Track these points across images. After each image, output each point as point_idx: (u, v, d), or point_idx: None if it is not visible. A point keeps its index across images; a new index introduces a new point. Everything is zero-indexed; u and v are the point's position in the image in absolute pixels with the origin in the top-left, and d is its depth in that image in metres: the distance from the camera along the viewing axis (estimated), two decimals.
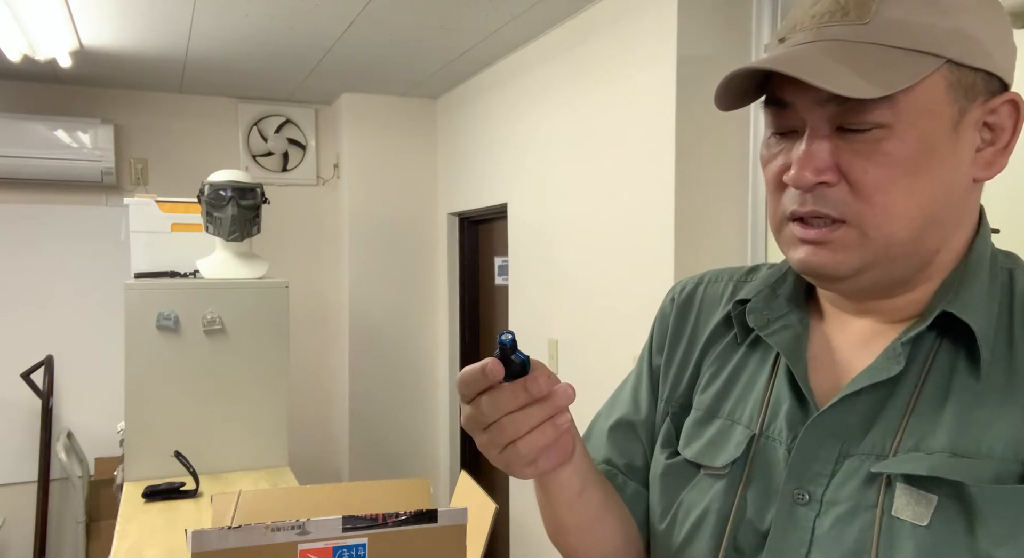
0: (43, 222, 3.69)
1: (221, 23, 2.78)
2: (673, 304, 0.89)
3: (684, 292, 0.89)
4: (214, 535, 0.94)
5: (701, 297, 0.87)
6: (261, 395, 2.89)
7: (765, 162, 0.71)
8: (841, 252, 0.66)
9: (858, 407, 0.67)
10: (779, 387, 0.73)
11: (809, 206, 0.66)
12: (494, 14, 2.67)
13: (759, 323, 0.76)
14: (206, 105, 3.95)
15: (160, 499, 2.52)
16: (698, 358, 0.82)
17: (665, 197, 2.21)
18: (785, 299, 0.77)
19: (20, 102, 3.60)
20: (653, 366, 0.88)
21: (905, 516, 0.61)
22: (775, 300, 0.77)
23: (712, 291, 0.86)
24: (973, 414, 0.62)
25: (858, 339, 0.72)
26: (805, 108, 0.65)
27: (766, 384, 0.75)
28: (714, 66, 2.18)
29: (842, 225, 0.65)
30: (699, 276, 0.90)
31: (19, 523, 3.64)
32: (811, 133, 0.65)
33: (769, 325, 0.75)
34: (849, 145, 0.64)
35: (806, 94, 0.64)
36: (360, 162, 3.91)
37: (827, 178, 0.64)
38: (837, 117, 0.64)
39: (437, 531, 1.05)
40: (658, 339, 0.89)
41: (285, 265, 3.82)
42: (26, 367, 3.50)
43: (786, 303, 0.77)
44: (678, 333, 0.86)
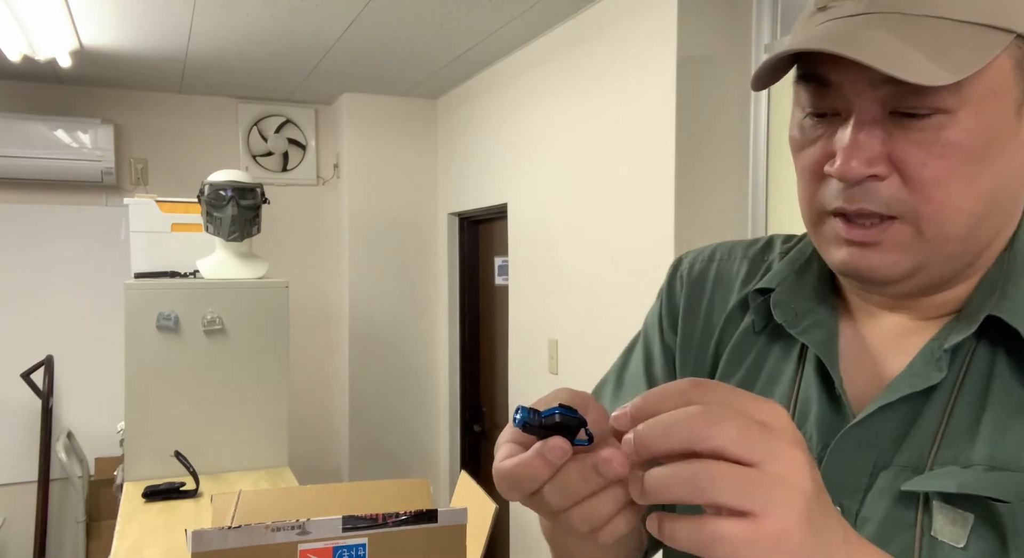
0: (43, 222, 3.69)
1: (221, 23, 2.78)
2: (683, 281, 0.80)
3: (695, 269, 0.80)
4: (214, 535, 0.94)
5: (715, 277, 0.78)
6: (261, 395, 2.88)
7: (799, 147, 0.62)
8: (893, 253, 0.58)
9: (893, 415, 0.60)
10: (807, 386, 0.66)
11: (857, 204, 0.58)
12: (494, 14, 2.67)
13: (787, 318, 0.68)
14: (206, 105, 3.95)
15: (160, 499, 2.52)
16: (716, 346, 0.75)
17: (665, 197, 2.21)
18: (812, 290, 0.69)
19: (20, 102, 3.60)
20: (666, 343, 0.80)
21: (944, 537, 0.56)
22: (801, 290, 0.69)
23: (726, 270, 0.78)
24: (1014, 422, 0.56)
25: (890, 337, 0.65)
26: (853, 89, 0.56)
27: (792, 381, 0.68)
28: (714, 66, 2.18)
29: (893, 222, 0.58)
30: (709, 251, 0.81)
31: (19, 523, 3.64)
32: (859, 118, 0.57)
33: (798, 321, 0.68)
34: (904, 133, 0.56)
35: (856, 73, 0.55)
36: (360, 162, 3.91)
37: (878, 171, 0.56)
38: (891, 100, 0.55)
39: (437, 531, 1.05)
40: (669, 316, 0.80)
41: (285, 265, 3.82)
42: (26, 367, 3.50)
43: (813, 294, 0.69)
44: (692, 313, 0.78)
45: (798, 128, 0.63)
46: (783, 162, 2.13)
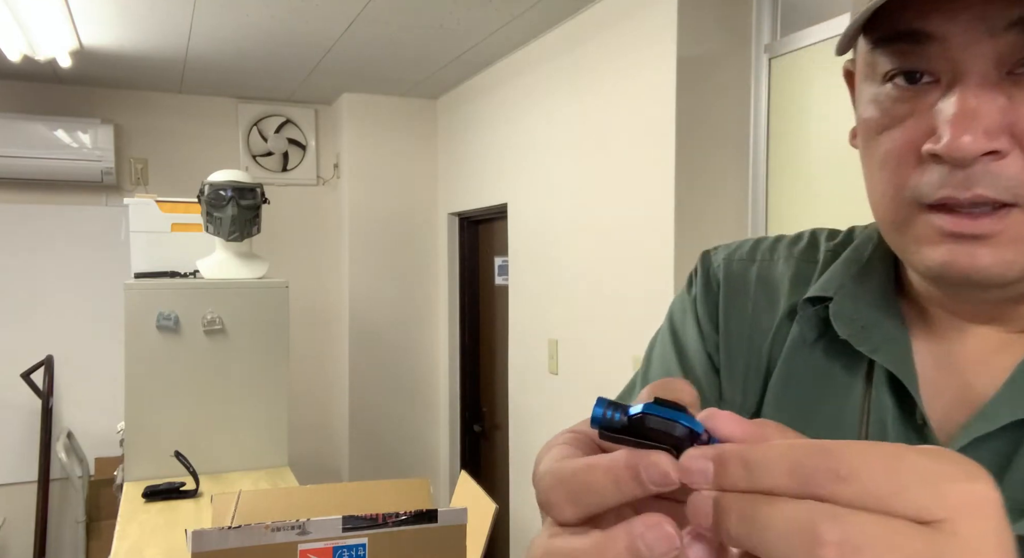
0: (43, 222, 3.69)
1: (221, 23, 2.78)
2: (718, 278, 0.69)
3: (734, 268, 0.69)
4: (214, 535, 0.94)
5: (756, 278, 0.67)
6: (261, 395, 2.88)
7: (877, 128, 0.51)
8: (1009, 249, 0.47)
9: (990, 447, 0.51)
10: (880, 411, 0.56)
11: (972, 190, 0.46)
12: (494, 14, 2.67)
13: (851, 332, 0.57)
14: (206, 105, 3.95)
15: (160, 499, 2.52)
16: (768, 358, 0.64)
17: (665, 197, 2.21)
18: (877, 298, 0.59)
19: (20, 102, 3.60)
20: (704, 335, 0.68)
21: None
22: (863, 299, 0.59)
23: (769, 271, 0.67)
24: None
25: (976, 353, 0.55)
26: (963, 41, 0.45)
27: (860, 404, 0.57)
28: (714, 66, 2.18)
29: (1011, 210, 0.46)
30: (748, 249, 0.69)
31: (19, 523, 3.64)
32: (971, 80, 0.45)
33: (866, 335, 0.57)
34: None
35: (969, 20, 0.44)
36: (360, 162, 3.91)
37: (999, 145, 0.45)
38: (1012, 54, 0.44)
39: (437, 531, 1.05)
40: (707, 312, 0.68)
41: (285, 265, 3.82)
42: (26, 367, 3.50)
43: (879, 303, 0.58)
44: (735, 315, 0.67)
45: (875, 105, 0.51)
46: (783, 162, 2.13)
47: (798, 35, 2.05)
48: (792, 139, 2.09)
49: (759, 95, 2.19)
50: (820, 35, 1.96)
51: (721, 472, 0.30)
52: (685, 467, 0.31)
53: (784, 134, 2.12)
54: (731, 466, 0.30)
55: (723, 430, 0.32)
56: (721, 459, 0.30)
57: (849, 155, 2.06)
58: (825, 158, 1.97)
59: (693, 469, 0.31)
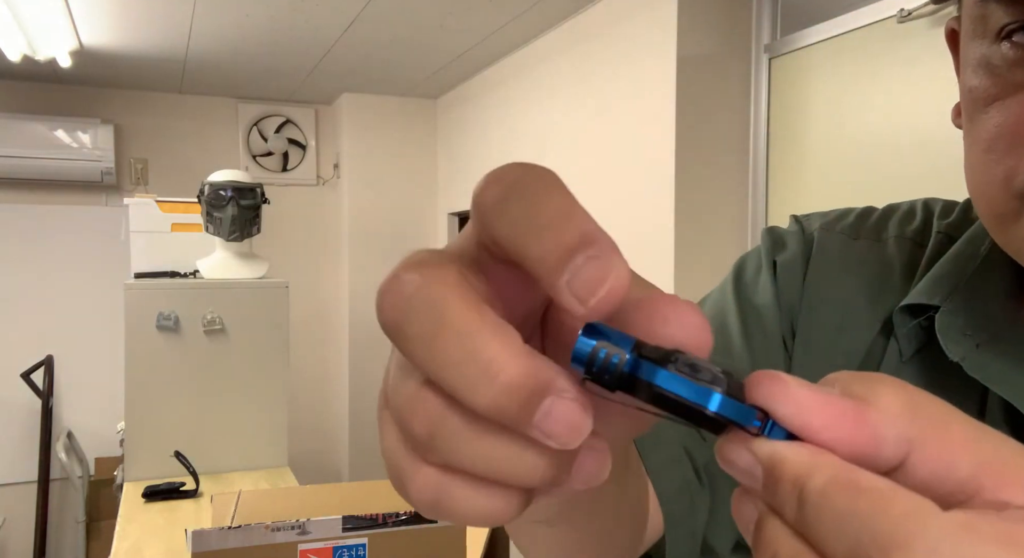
0: (43, 222, 3.69)
1: (221, 23, 2.78)
2: (812, 250, 0.56)
3: (832, 242, 0.56)
4: (214, 535, 0.94)
5: (857, 262, 0.54)
6: (261, 395, 2.88)
7: (987, 97, 0.41)
8: None
9: None
10: None
11: None
12: (494, 14, 2.67)
13: (964, 353, 0.45)
14: (206, 105, 3.95)
15: (160, 499, 2.52)
16: (859, 367, 0.52)
17: (665, 196, 2.21)
18: (997, 307, 0.47)
19: (20, 102, 3.60)
20: (782, 316, 0.56)
21: None
22: (980, 308, 0.47)
23: (875, 256, 0.54)
24: None
25: None
26: None
27: None
28: (714, 66, 2.18)
29: None
30: (850, 223, 0.56)
31: (19, 523, 3.64)
32: None
33: (982, 359, 0.45)
34: None
35: None
36: (360, 162, 3.91)
37: None
38: None
39: (437, 531, 1.05)
40: (789, 287, 0.56)
41: (285, 265, 3.82)
42: (26, 367, 3.50)
43: (1000, 315, 0.46)
44: (824, 306, 0.54)
45: (984, 70, 0.41)
46: (783, 162, 2.13)
47: (798, 35, 2.05)
48: (792, 139, 2.09)
49: (759, 95, 2.19)
50: (820, 35, 1.96)
51: (770, 488, 0.21)
52: (728, 459, 0.22)
53: (784, 134, 2.12)
54: (783, 487, 0.20)
55: (791, 411, 0.21)
56: (773, 469, 0.21)
57: (849, 156, 2.04)
58: (825, 158, 1.97)
59: (737, 463, 0.22)
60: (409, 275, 0.23)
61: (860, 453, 0.20)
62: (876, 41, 1.78)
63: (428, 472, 0.23)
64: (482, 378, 0.21)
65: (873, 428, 0.20)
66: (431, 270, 0.23)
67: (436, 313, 0.22)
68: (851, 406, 0.21)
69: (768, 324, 0.55)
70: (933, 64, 1.64)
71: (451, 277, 0.22)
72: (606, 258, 0.21)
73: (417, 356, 0.22)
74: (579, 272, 0.21)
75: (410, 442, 0.24)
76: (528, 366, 0.21)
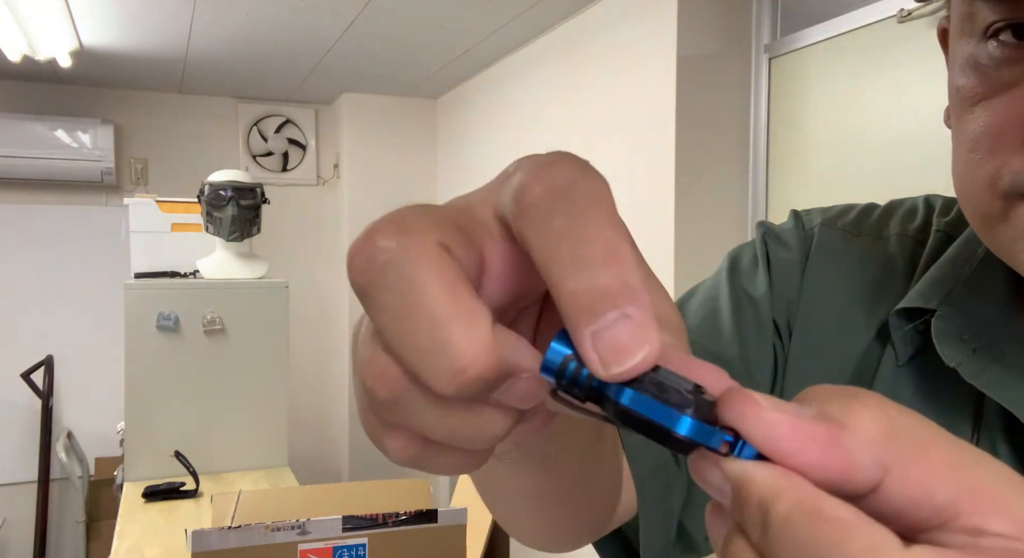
0: (43, 222, 3.69)
1: (221, 23, 2.78)
2: (811, 245, 0.55)
3: (832, 238, 0.54)
4: (214, 535, 0.94)
5: (858, 259, 0.53)
6: (261, 395, 2.88)
7: (973, 97, 0.40)
8: None
9: None
10: (995, 456, 0.37)
11: None
12: (494, 14, 2.67)
13: (961, 358, 0.44)
14: (206, 105, 3.95)
15: (160, 499, 2.52)
16: (856, 374, 0.51)
17: (665, 196, 2.21)
18: (995, 311, 0.46)
19: (20, 102, 3.60)
20: (776, 308, 0.55)
21: None
22: (977, 312, 0.46)
23: (876, 255, 0.53)
24: None
25: None
26: None
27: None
28: (714, 66, 2.18)
29: None
30: (852, 219, 0.55)
31: (19, 523, 3.64)
32: None
33: (979, 364, 0.44)
34: None
35: None
36: (360, 162, 3.91)
37: None
38: None
39: (437, 531, 1.05)
40: (785, 282, 0.55)
41: (285, 265, 3.81)
42: (26, 367, 3.50)
43: (997, 319, 0.46)
44: (821, 304, 0.53)
45: (971, 69, 0.40)
46: (783, 162, 2.13)
47: (798, 35, 2.05)
48: (792, 139, 2.09)
49: (759, 95, 2.19)
50: (820, 35, 1.96)
51: (738, 505, 0.20)
52: (698, 473, 0.22)
53: (784, 134, 2.12)
54: (748, 508, 0.20)
55: (762, 434, 0.20)
56: (741, 488, 0.20)
57: (849, 155, 2.04)
58: (825, 158, 1.97)
59: (708, 480, 0.21)
60: (385, 241, 0.22)
61: (832, 479, 0.20)
62: (876, 41, 1.78)
63: (397, 436, 0.24)
64: (446, 370, 0.21)
65: (847, 453, 0.20)
66: (409, 239, 0.22)
67: (407, 290, 0.21)
68: (824, 430, 0.20)
69: (762, 314, 0.54)
70: (933, 64, 1.64)
71: (429, 250, 0.21)
72: (641, 323, 0.20)
73: (383, 328, 0.22)
74: (609, 329, 0.20)
75: (375, 405, 0.24)
76: (494, 358, 0.21)
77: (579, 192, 0.22)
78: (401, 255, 0.21)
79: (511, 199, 0.23)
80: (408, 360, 0.21)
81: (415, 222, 0.22)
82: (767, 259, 0.56)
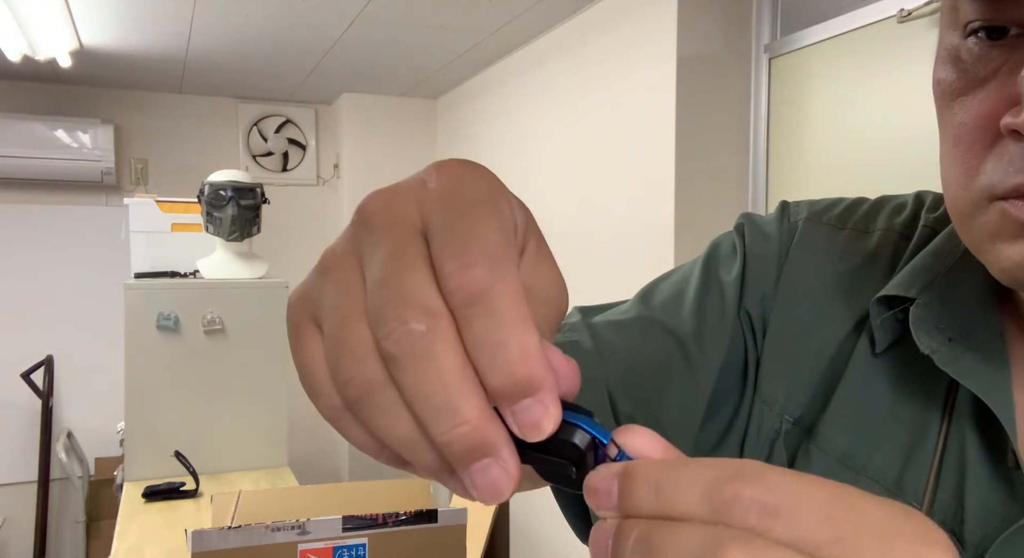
0: (43, 222, 3.69)
1: (221, 23, 2.78)
2: (795, 238, 0.55)
3: (817, 232, 0.55)
4: (214, 535, 0.94)
5: (841, 253, 0.54)
6: (261, 395, 2.88)
7: (952, 93, 0.41)
8: None
9: None
10: (960, 447, 0.45)
11: None
12: (494, 14, 2.67)
13: (936, 347, 0.44)
14: (206, 105, 3.95)
15: (160, 499, 2.52)
16: (830, 367, 0.51)
17: (665, 196, 2.21)
18: (973, 303, 0.46)
19: (20, 102, 3.60)
20: (743, 308, 0.55)
21: None
22: (955, 303, 0.46)
23: (859, 248, 0.53)
24: None
25: None
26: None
27: (936, 439, 0.46)
28: (714, 66, 2.18)
29: None
30: (839, 212, 0.55)
31: (19, 523, 3.64)
32: None
33: (953, 353, 0.44)
34: None
35: None
36: (360, 162, 3.91)
37: None
38: None
39: (437, 531, 1.05)
40: (763, 273, 0.55)
41: (285, 265, 3.81)
42: (26, 367, 3.50)
43: (975, 310, 0.46)
44: (801, 297, 0.53)
45: (952, 63, 0.41)
46: (783, 162, 2.13)
47: (798, 35, 2.05)
48: (792, 139, 2.09)
49: (759, 95, 2.19)
50: (820, 35, 1.96)
51: (626, 491, 0.24)
52: (592, 487, 0.25)
53: (784, 134, 2.12)
54: (637, 484, 0.24)
55: (639, 448, 0.26)
56: (627, 475, 0.24)
57: (849, 155, 2.04)
58: (825, 158, 1.97)
59: (599, 489, 0.24)
60: (418, 324, 0.25)
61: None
62: (876, 41, 1.78)
63: (357, 431, 0.27)
64: (444, 421, 0.24)
65: (672, 453, 0.26)
66: (437, 322, 0.25)
67: (432, 364, 0.24)
68: (662, 442, 0.26)
69: (728, 299, 0.54)
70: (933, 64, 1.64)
71: (450, 330, 0.25)
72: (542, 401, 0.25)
73: (390, 361, 0.25)
74: (524, 411, 0.25)
75: (335, 387, 0.26)
76: (487, 430, 0.24)
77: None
78: (431, 336, 0.25)
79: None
80: (410, 397, 0.25)
81: (438, 309, 0.25)
82: (744, 252, 0.56)
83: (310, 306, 0.29)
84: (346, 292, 0.27)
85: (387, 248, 0.27)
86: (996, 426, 0.42)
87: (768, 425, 0.52)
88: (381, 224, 0.28)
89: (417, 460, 0.26)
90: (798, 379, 0.51)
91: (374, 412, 0.25)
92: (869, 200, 0.56)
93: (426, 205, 0.28)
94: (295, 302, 0.30)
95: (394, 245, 0.27)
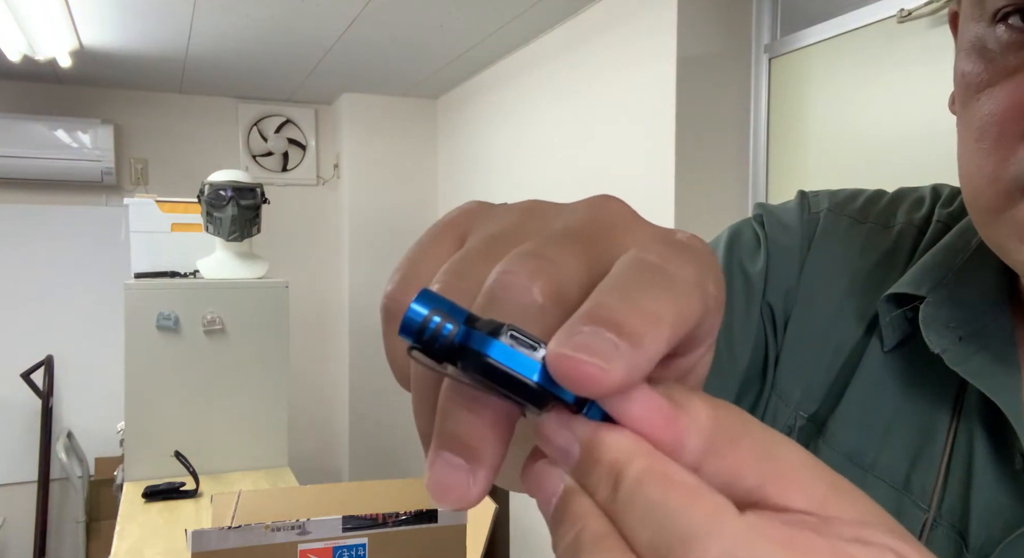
0: (43, 222, 3.69)
1: (221, 23, 2.78)
2: (816, 229, 0.54)
3: (839, 224, 0.53)
4: (214, 535, 0.94)
5: (861, 247, 0.52)
6: (261, 395, 2.88)
7: (979, 83, 0.39)
8: None
9: None
10: (968, 447, 0.44)
11: None
12: (494, 14, 2.67)
13: (947, 346, 0.44)
14: (206, 105, 3.95)
15: (160, 499, 2.52)
16: (844, 364, 0.50)
17: (665, 196, 2.21)
18: (984, 302, 0.45)
19: (20, 102, 3.60)
20: (766, 301, 0.54)
21: None
22: (966, 301, 0.45)
23: (879, 244, 0.52)
24: None
25: None
26: None
27: (946, 436, 0.45)
28: (714, 66, 2.18)
29: None
30: (859, 206, 0.54)
31: (19, 523, 3.64)
32: None
33: (964, 351, 0.44)
34: None
35: None
36: (360, 162, 3.91)
37: None
38: None
39: (437, 531, 1.05)
40: (785, 264, 0.53)
41: (285, 265, 3.81)
42: (26, 367, 3.50)
43: (985, 309, 0.45)
44: (822, 292, 0.52)
45: (978, 54, 0.39)
46: (783, 162, 2.13)
47: (798, 35, 2.05)
48: (792, 139, 2.09)
49: (759, 95, 2.19)
50: (820, 35, 1.96)
51: (584, 468, 0.21)
52: (546, 436, 0.22)
53: (784, 134, 2.12)
54: (597, 472, 0.21)
55: (622, 405, 0.21)
56: (591, 449, 0.21)
57: (849, 155, 2.03)
58: (825, 158, 1.97)
59: (555, 443, 0.21)
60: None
61: (664, 452, 0.21)
62: (876, 41, 1.78)
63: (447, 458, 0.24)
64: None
65: (679, 431, 0.21)
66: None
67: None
68: (669, 407, 0.21)
69: (754, 290, 0.53)
70: (933, 64, 1.64)
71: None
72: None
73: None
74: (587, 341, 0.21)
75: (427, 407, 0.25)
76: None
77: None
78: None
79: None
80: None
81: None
82: (766, 242, 0.55)
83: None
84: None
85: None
86: (1005, 427, 0.42)
87: (782, 420, 0.52)
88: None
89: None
90: (815, 376, 0.51)
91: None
92: (888, 193, 0.55)
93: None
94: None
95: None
